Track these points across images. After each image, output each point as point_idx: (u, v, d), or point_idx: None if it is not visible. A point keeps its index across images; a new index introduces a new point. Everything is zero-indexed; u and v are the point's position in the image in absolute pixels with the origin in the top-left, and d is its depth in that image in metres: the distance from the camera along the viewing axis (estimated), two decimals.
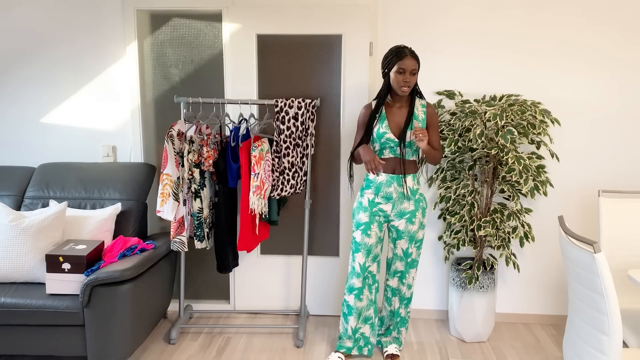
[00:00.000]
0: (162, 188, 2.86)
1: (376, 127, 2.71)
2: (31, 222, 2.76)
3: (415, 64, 2.60)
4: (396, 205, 2.75)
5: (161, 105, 3.48)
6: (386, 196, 2.73)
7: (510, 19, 3.17)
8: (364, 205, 2.77)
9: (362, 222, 2.77)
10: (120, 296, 2.57)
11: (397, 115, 2.72)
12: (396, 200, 2.74)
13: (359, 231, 2.78)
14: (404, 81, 2.60)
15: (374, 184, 2.75)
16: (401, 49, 2.62)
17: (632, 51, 3.16)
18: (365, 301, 2.85)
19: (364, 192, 2.79)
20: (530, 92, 3.23)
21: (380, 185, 2.74)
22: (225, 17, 3.24)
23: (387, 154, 2.73)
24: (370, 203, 2.76)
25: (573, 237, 1.96)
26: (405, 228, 2.78)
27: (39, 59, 3.37)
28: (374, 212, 2.76)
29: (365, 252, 2.78)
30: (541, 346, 3.13)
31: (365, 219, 2.76)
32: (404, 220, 2.77)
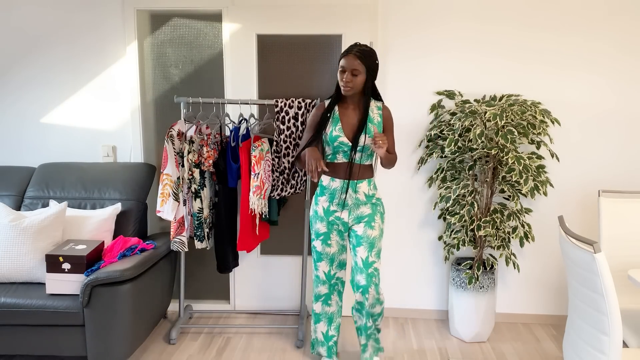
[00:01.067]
0: (162, 188, 2.86)
1: (329, 129, 2.54)
2: (31, 222, 2.76)
3: (357, 64, 2.41)
4: (352, 211, 2.59)
5: (161, 105, 3.48)
6: (341, 203, 2.58)
7: (510, 19, 3.17)
8: (320, 215, 2.62)
9: (321, 232, 2.63)
10: (120, 296, 2.57)
11: (351, 117, 2.55)
12: (352, 206, 2.59)
13: (318, 241, 2.65)
14: (343, 81, 2.44)
15: (328, 191, 2.60)
16: (350, 46, 2.46)
17: (631, 51, 3.16)
18: (334, 306, 2.77)
19: (318, 200, 2.63)
20: (530, 92, 3.23)
21: (334, 192, 2.58)
22: (225, 17, 3.24)
23: (340, 158, 2.56)
24: (325, 212, 2.61)
25: (573, 237, 1.96)
26: (364, 232, 2.58)
27: (39, 59, 3.37)
28: (331, 221, 2.61)
29: (329, 260, 2.67)
30: (541, 346, 3.13)
31: (323, 228, 2.62)
32: (363, 224, 2.59)
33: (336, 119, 2.54)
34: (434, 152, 3.14)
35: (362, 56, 2.42)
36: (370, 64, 2.46)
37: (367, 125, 2.51)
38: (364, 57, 2.42)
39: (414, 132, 3.31)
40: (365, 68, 2.44)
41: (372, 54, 2.47)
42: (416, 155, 3.34)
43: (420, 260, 3.45)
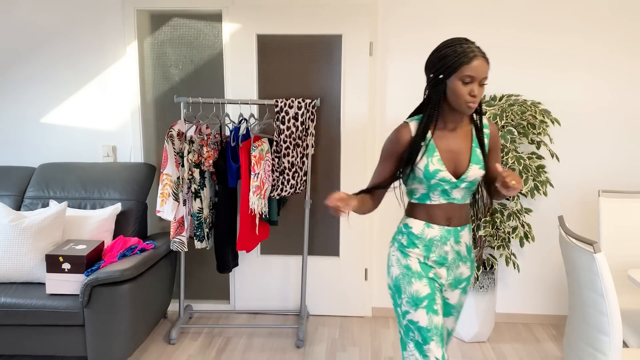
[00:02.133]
0: (162, 188, 2.86)
1: (422, 162, 1.80)
2: (31, 222, 2.76)
3: (487, 68, 1.74)
4: (451, 271, 1.89)
5: (161, 105, 3.47)
6: (440, 259, 1.85)
7: (510, 19, 3.17)
8: (416, 270, 1.84)
9: (423, 295, 1.81)
10: (120, 296, 2.57)
11: (451, 143, 1.83)
12: (451, 264, 1.88)
13: (421, 310, 1.80)
14: (470, 95, 1.72)
15: (422, 241, 1.85)
16: (468, 47, 1.73)
17: (631, 52, 3.16)
18: None
19: (409, 252, 1.86)
20: (530, 92, 3.23)
21: (431, 243, 1.84)
22: (225, 17, 3.24)
23: (436, 198, 1.84)
24: (423, 266, 1.85)
25: (573, 237, 1.96)
26: (458, 301, 1.96)
27: (39, 58, 3.37)
28: (432, 278, 1.85)
29: (439, 338, 1.81)
30: (541, 346, 3.13)
31: (425, 289, 1.82)
32: (459, 292, 1.95)
33: (432, 148, 1.81)
34: None
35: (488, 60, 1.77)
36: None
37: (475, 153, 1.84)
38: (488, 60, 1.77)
39: None
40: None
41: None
42: None
43: None
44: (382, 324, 3.40)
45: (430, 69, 1.80)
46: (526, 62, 3.20)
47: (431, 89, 1.80)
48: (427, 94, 1.83)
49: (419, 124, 1.82)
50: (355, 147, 3.32)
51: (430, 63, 1.80)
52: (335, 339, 3.19)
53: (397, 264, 1.87)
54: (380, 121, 3.31)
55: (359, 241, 3.42)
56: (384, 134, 3.32)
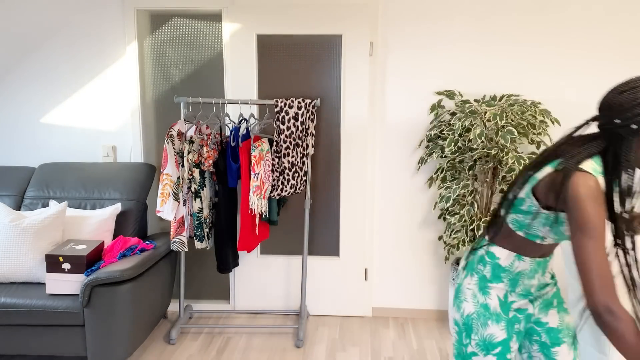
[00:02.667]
0: (162, 188, 2.86)
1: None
2: (31, 222, 2.76)
3: None
4: (535, 300, 1.67)
5: (161, 105, 3.47)
6: (526, 292, 1.63)
7: (510, 19, 3.17)
8: (494, 311, 1.59)
9: (498, 340, 1.58)
10: (120, 296, 2.57)
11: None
12: (535, 294, 1.66)
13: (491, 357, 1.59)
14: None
15: (509, 275, 1.60)
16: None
17: (631, 51, 3.16)
18: None
19: (490, 288, 1.61)
20: (530, 92, 3.23)
21: (518, 276, 1.60)
22: (225, 17, 3.24)
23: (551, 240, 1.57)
24: (503, 305, 1.60)
25: None
26: (561, 322, 1.66)
27: (39, 58, 3.37)
28: (512, 319, 1.61)
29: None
30: None
31: (501, 334, 1.59)
32: (554, 311, 1.67)
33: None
34: (434, 152, 3.14)
35: None
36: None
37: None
38: None
39: (414, 132, 3.31)
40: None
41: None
42: (416, 155, 3.34)
43: (420, 260, 3.45)
44: (382, 324, 3.40)
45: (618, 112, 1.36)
46: (526, 62, 3.20)
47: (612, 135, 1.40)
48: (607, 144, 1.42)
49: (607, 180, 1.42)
50: (355, 147, 3.32)
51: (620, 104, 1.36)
52: (335, 339, 3.19)
53: (472, 300, 1.61)
54: (381, 121, 3.31)
55: (359, 241, 3.42)
56: (384, 134, 3.32)
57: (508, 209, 1.57)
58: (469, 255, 1.68)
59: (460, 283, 1.66)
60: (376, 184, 3.38)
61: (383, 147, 3.34)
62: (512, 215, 1.56)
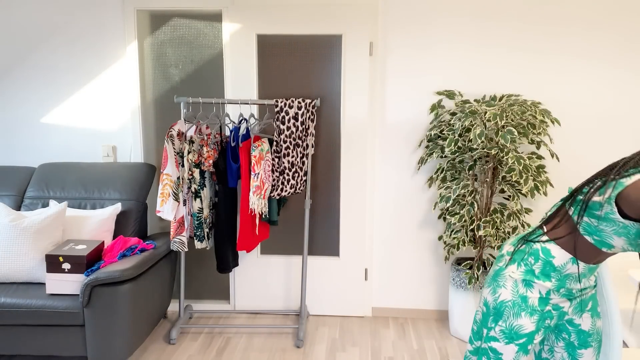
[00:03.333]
0: (162, 188, 2.86)
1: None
2: (31, 222, 2.76)
3: None
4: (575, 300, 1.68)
5: (161, 105, 3.48)
6: (568, 293, 1.64)
7: (510, 19, 3.17)
8: (532, 304, 1.61)
9: (525, 332, 1.61)
10: (120, 296, 2.57)
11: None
12: (577, 294, 1.67)
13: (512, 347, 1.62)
14: None
15: (558, 275, 1.60)
16: None
17: (632, 51, 3.16)
18: None
19: (535, 283, 1.61)
20: (530, 92, 3.23)
21: (566, 278, 1.61)
22: (225, 17, 3.24)
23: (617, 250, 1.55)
24: (541, 301, 1.62)
25: None
26: (592, 326, 1.69)
27: (39, 59, 3.37)
28: (546, 314, 1.63)
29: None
30: None
31: (530, 327, 1.61)
32: (589, 315, 1.69)
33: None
34: (434, 152, 3.14)
35: None
36: None
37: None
38: None
39: (414, 132, 3.31)
40: None
41: None
42: (416, 155, 3.34)
43: (420, 260, 3.45)
44: (382, 324, 3.40)
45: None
46: (526, 62, 3.20)
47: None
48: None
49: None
50: (355, 147, 3.32)
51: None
52: (335, 339, 3.19)
53: (511, 288, 1.61)
54: (380, 121, 3.31)
55: (359, 241, 3.42)
56: (384, 134, 3.32)
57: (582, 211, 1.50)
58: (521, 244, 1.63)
59: (503, 268, 1.63)
60: (376, 184, 3.38)
61: (383, 147, 3.34)
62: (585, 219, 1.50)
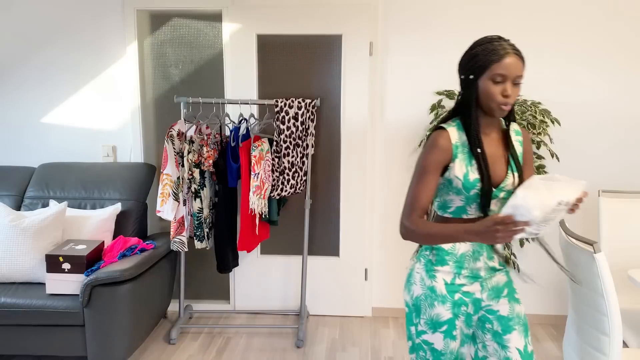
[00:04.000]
0: (162, 188, 2.86)
1: (460, 171, 1.64)
2: (31, 222, 2.76)
3: (522, 68, 1.61)
4: (486, 282, 1.73)
5: (161, 105, 3.47)
6: (472, 274, 1.71)
7: (510, 19, 3.17)
8: (440, 293, 1.70)
9: (444, 319, 1.69)
10: (120, 296, 2.57)
11: (491, 150, 1.69)
12: (485, 277, 1.73)
13: (438, 334, 1.71)
14: (503, 95, 1.58)
15: (453, 257, 1.70)
16: (500, 44, 1.59)
17: (632, 51, 3.16)
18: None
19: (436, 272, 1.71)
20: (530, 92, 3.23)
21: (462, 258, 1.70)
22: (225, 17, 3.24)
23: (472, 211, 1.68)
24: (449, 287, 1.70)
25: (573, 237, 1.96)
26: (511, 311, 1.73)
27: (39, 58, 3.37)
28: (458, 301, 1.70)
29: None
30: (541, 346, 3.13)
31: (447, 314, 1.70)
32: (505, 300, 1.75)
33: (469, 155, 1.65)
34: None
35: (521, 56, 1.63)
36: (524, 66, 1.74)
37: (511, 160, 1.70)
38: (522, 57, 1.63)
39: (414, 132, 3.31)
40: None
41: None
42: (416, 155, 3.34)
43: None
44: (382, 324, 3.40)
45: (461, 70, 1.65)
46: (526, 62, 3.20)
47: (464, 91, 1.65)
48: (461, 97, 1.68)
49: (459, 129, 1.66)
50: (355, 147, 3.32)
51: (461, 64, 1.66)
52: (335, 339, 3.19)
53: (420, 283, 1.73)
54: (380, 121, 3.31)
55: (359, 241, 3.42)
56: (384, 134, 3.32)
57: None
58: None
59: (412, 268, 1.78)
60: (376, 183, 3.38)
61: (383, 147, 3.34)
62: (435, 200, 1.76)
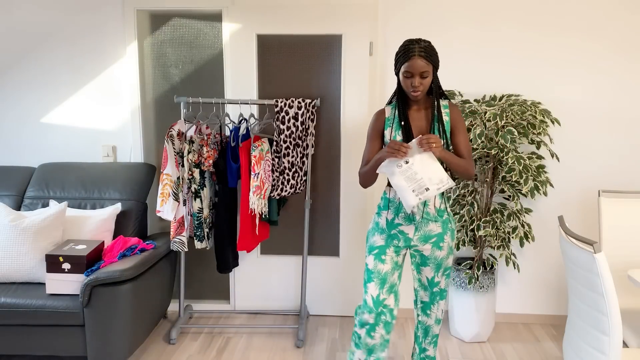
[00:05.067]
0: (162, 188, 2.86)
1: (391, 135, 2.26)
2: (31, 222, 2.76)
3: (425, 65, 2.12)
4: (420, 228, 2.28)
5: (161, 105, 3.48)
6: (408, 217, 2.27)
7: (510, 19, 3.17)
8: (381, 227, 2.32)
9: (376, 245, 2.31)
10: (120, 296, 2.57)
11: (416, 120, 2.27)
12: (420, 222, 2.28)
13: (371, 256, 2.31)
14: (412, 86, 2.15)
15: (393, 204, 2.29)
16: (410, 47, 2.13)
17: (631, 51, 3.16)
18: (378, 339, 2.31)
19: (382, 213, 2.33)
20: (530, 92, 3.23)
21: (400, 205, 2.27)
22: (225, 17, 3.24)
23: None
24: (388, 224, 2.30)
25: (573, 237, 1.96)
26: (431, 254, 2.32)
27: (39, 59, 3.37)
28: (393, 235, 2.30)
29: (380, 281, 2.29)
30: (541, 346, 3.13)
31: (380, 241, 2.31)
32: (430, 245, 2.31)
33: (397, 125, 2.26)
34: None
35: (428, 55, 2.14)
36: (436, 62, 2.19)
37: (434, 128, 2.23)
38: (430, 55, 2.14)
39: None
40: (432, 67, 2.17)
41: (434, 49, 2.19)
42: None
43: None
44: None
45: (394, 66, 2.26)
46: (526, 62, 3.20)
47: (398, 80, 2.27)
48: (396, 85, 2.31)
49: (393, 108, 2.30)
50: (355, 147, 3.32)
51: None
52: (335, 339, 3.19)
53: (372, 221, 2.39)
54: None
55: (359, 241, 3.42)
56: None
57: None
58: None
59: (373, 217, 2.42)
60: (376, 183, 3.38)
61: None
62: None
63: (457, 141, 2.30)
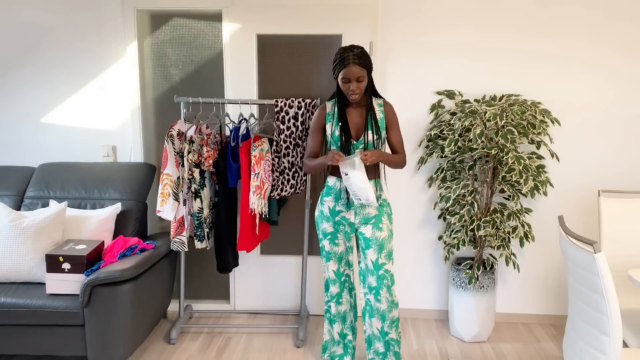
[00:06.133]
0: (162, 188, 2.86)
1: (331, 129, 2.54)
2: (31, 222, 2.76)
3: (359, 71, 2.38)
4: (359, 212, 2.58)
5: (161, 105, 3.48)
6: (347, 204, 2.59)
7: (511, 19, 3.17)
8: (325, 214, 2.63)
9: (328, 231, 2.65)
10: (120, 296, 2.57)
11: (354, 117, 2.56)
12: (358, 207, 2.58)
13: (326, 240, 2.67)
14: (350, 90, 2.43)
15: (333, 191, 2.60)
16: (345, 55, 2.39)
17: (631, 51, 3.16)
18: (345, 304, 2.78)
19: (324, 200, 2.64)
20: (530, 92, 3.23)
21: (339, 193, 2.58)
22: (225, 17, 3.24)
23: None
24: (331, 212, 2.62)
25: (573, 237, 1.96)
26: (372, 235, 2.57)
27: (39, 59, 3.37)
28: (338, 221, 2.62)
29: (337, 259, 2.70)
30: (541, 346, 3.13)
31: (329, 228, 2.65)
32: (370, 226, 2.58)
33: (337, 121, 2.54)
34: (434, 152, 3.14)
35: (362, 62, 2.39)
36: (369, 66, 2.44)
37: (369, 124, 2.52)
38: (363, 61, 2.40)
39: (414, 132, 3.31)
40: (366, 71, 2.43)
41: (366, 54, 2.44)
42: (416, 155, 3.34)
43: (420, 260, 3.45)
44: None
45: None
46: (526, 62, 3.20)
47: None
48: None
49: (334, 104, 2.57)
50: None
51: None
52: None
53: (317, 209, 2.69)
54: None
55: None
56: None
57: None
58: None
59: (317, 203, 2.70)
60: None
61: None
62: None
63: (391, 136, 2.61)
